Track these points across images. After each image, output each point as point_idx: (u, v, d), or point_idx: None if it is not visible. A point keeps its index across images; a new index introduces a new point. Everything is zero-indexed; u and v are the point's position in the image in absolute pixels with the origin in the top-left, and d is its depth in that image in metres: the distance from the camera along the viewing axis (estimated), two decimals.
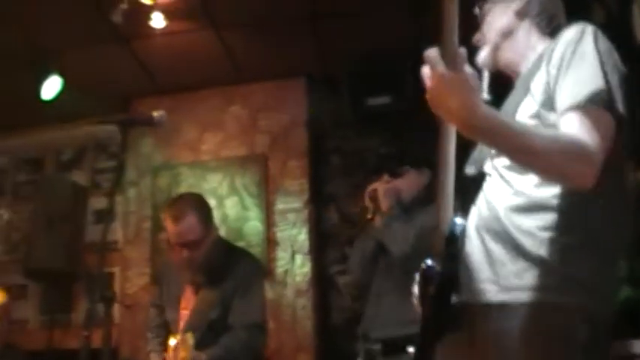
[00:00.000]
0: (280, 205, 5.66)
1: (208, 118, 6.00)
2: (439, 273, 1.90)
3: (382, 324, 3.34)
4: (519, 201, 1.86)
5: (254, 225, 5.59)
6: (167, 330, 3.61)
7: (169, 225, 3.46)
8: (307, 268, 5.44)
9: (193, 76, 5.79)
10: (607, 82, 1.75)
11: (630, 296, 3.87)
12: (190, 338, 3.27)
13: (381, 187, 3.49)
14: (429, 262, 1.94)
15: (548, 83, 1.86)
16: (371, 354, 3.41)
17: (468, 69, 1.64)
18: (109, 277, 5.61)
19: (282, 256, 5.50)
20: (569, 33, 1.89)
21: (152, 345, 3.69)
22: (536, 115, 1.85)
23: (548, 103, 1.84)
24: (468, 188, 2.01)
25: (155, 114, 2.84)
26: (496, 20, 2.19)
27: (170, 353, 3.32)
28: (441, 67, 1.61)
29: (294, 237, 5.55)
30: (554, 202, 1.81)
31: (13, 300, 5.26)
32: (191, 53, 5.41)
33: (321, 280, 5.54)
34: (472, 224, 1.95)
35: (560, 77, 1.82)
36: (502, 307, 1.81)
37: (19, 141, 6.25)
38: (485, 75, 2.18)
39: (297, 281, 5.41)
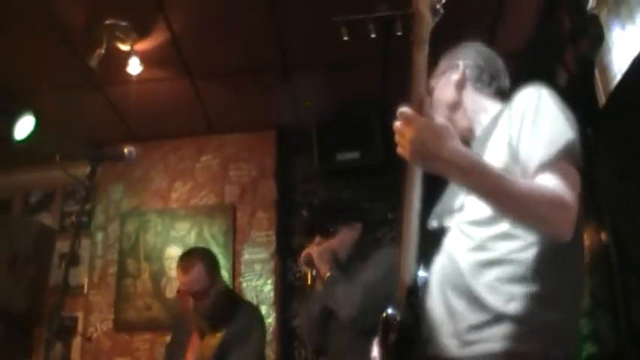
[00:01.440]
0: (247, 255, 5.67)
1: (179, 166, 6.04)
2: (400, 322, 1.93)
3: None
4: (481, 255, 1.89)
5: None
6: None
7: (179, 274, 3.68)
8: (271, 319, 5.42)
9: (166, 125, 5.84)
10: (573, 138, 1.82)
11: (594, 353, 3.91)
12: None
13: (315, 250, 3.38)
14: (390, 310, 1.96)
15: (510, 142, 1.91)
16: None
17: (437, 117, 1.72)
18: (72, 320, 5.56)
19: None
20: (526, 93, 1.96)
21: None
22: (505, 170, 1.85)
23: (512, 159, 1.89)
24: (430, 241, 2.04)
25: (125, 150, 2.94)
26: (441, 95, 2.30)
27: None
28: (421, 117, 1.68)
29: (260, 287, 5.54)
30: (516, 256, 1.84)
31: None
32: (165, 101, 5.46)
33: (285, 332, 5.52)
34: (435, 279, 1.98)
35: (523, 134, 1.87)
36: None
37: None
38: None
39: None
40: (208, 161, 6.04)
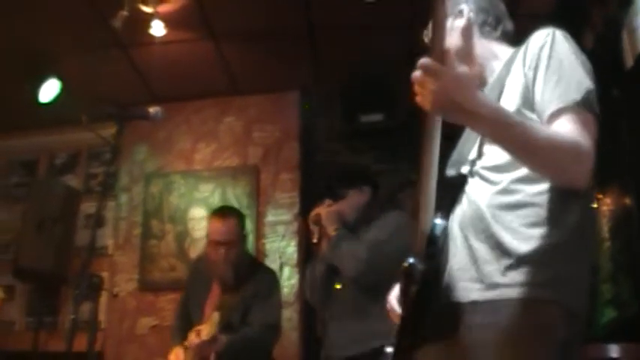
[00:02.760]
0: (270, 216, 5.70)
1: (203, 128, 6.05)
2: (421, 272, 1.89)
3: (337, 345, 3.42)
4: (502, 199, 1.87)
5: None
6: (190, 324, 3.85)
7: (215, 223, 3.89)
8: (295, 280, 5.46)
9: (189, 86, 5.84)
10: (590, 84, 1.79)
11: (615, 317, 3.91)
12: (217, 316, 3.58)
13: (324, 210, 3.52)
14: (411, 259, 1.92)
15: (526, 86, 1.88)
16: None
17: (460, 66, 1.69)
18: (98, 279, 5.63)
19: None
20: (540, 36, 1.91)
21: (176, 333, 3.95)
22: (517, 114, 1.84)
23: (527, 105, 1.86)
24: (449, 189, 2.02)
25: (151, 109, 2.98)
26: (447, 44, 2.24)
27: (193, 334, 3.65)
28: (443, 67, 1.64)
29: (283, 249, 5.58)
30: (537, 199, 1.82)
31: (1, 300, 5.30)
32: (188, 63, 5.47)
33: None
34: (455, 224, 1.97)
35: (538, 79, 1.84)
36: (486, 303, 1.81)
37: (14, 143, 6.28)
38: None
39: (285, 293, 5.39)
40: (231, 122, 6.04)
